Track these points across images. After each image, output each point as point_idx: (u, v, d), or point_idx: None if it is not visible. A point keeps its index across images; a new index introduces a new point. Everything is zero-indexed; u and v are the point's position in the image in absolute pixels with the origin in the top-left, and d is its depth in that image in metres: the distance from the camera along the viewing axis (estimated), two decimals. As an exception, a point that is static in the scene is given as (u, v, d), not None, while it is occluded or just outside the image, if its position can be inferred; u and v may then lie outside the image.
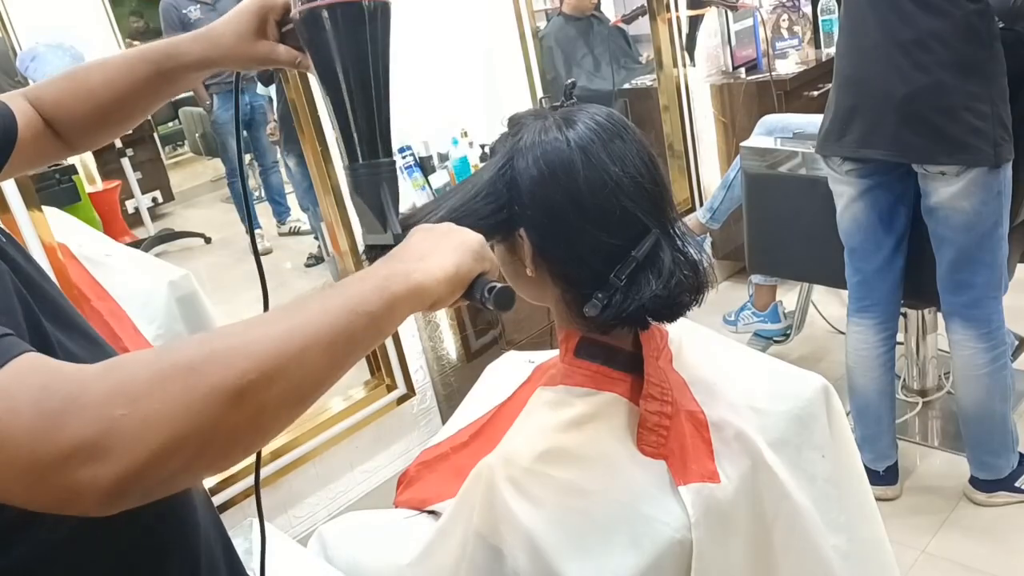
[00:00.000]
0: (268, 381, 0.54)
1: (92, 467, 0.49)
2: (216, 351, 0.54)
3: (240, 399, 0.53)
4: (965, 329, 2.02)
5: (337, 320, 0.60)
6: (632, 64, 3.96)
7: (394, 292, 0.65)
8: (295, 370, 0.56)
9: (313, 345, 0.57)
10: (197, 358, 0.53)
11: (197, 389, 0.51)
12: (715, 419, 0.99)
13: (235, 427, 0.53)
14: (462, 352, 2.61)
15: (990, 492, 2.14)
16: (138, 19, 4.81)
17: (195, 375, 0.52)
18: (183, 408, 0.51)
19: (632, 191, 0.91)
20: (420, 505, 1.20)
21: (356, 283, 0.65)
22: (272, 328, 0.57)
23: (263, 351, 0.54)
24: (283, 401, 0.56)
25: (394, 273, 0.67)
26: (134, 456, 0.49)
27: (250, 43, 0.89)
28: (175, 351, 0.54)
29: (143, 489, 0.51)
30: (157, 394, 0.50)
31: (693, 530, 0.92)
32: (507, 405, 1.18)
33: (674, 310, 0.96)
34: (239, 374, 0.52)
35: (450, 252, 0.74)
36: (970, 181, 1.85)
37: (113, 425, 0.49)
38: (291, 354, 0.56)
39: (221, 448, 0.54)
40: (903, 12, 1.81)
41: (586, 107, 0.96)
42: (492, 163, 0.97)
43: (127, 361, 0.53)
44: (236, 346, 0.54)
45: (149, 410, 0.50)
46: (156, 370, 0.52)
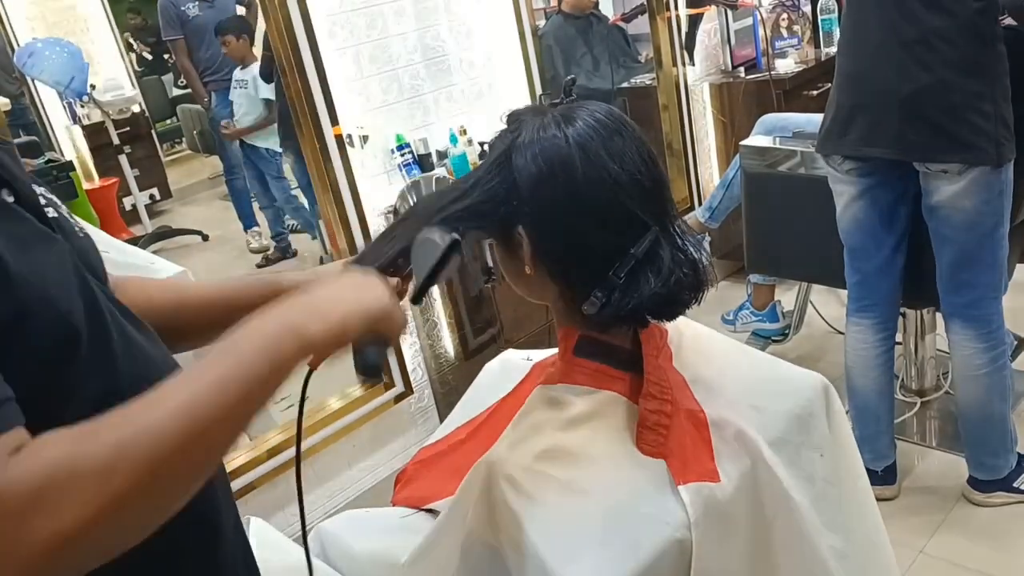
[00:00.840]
0: (175, 466, 0.59)
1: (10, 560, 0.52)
2: (125, 449, 0.57)
3: (150, 491, 0.58)
4: (965, 329, 2.02)
5: (234, 393, 0.63)
6: (631, 63, 3.96)
7: (284, 355, 0.67)
8: (197, 446, 0.61)
9: (211, 421, 0.61)
10: (109, 459, 0.56)
11: (110, 494, 0.55)
12: (715, 418, 0.99)
13: (143, 515, 0.59)
14: (460, 350, 2.60)
15: (988, 492, 2.14)
16: (135, 15, 4.80)
17: (108, 480, 0.55)
18: (97, 515, 0.55)
19: (631, 188, 0.91)
20: (418, 503, 1.19)
21: (247, 348, 0.66)
22: (175, 412, 0.60)
23: (169, 440, 0.58)
24: (189, 478, 0.62)
25: (287, 330, 0.68)
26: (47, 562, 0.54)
27: None
28: (89, 447, 0.57)
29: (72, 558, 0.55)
30: (74, 505, 0.54)
31: (693, 529, 0.91)
32: (505, 403, 1.18)
33: (673, 308, 0.96)
34: (149, 471, 0.57)
35: (347, 311, 0.73)
36: (972, 180, 1.85)
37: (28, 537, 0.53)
38: (195, 437, 0.60)
39: (131, 537, 0.59)
40: (906, 11, 1.81)
41: (585, 104, 0.95)
42: (490, 160, 0.96)
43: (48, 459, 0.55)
44: (141, 440, 0.58)
45: (64, 523, 0.53)
46: (73, 477, 0.55)
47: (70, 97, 3.60)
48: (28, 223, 0.68)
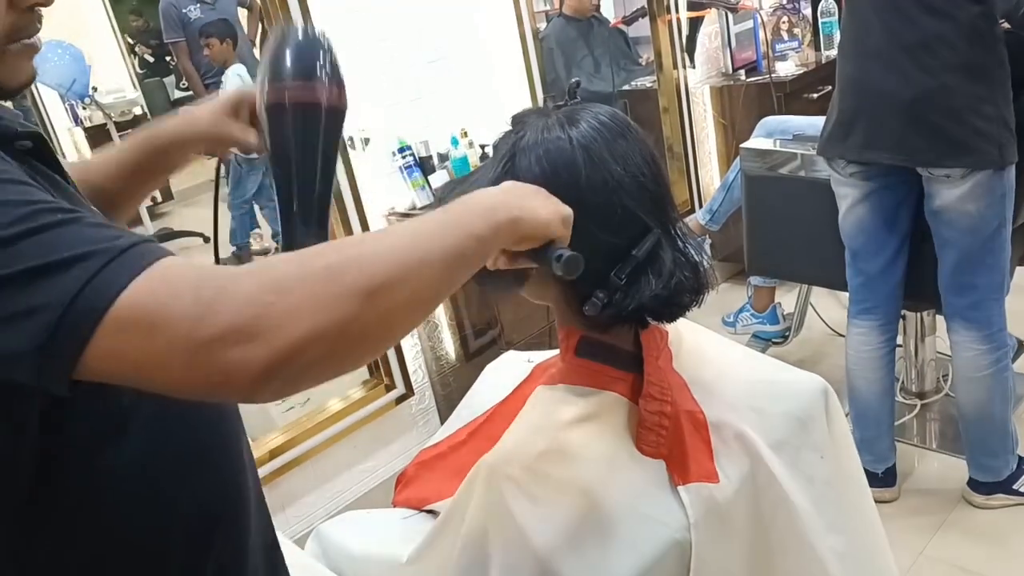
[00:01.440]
0: (394, 286, 0.60)
1: (243, 349, 0.54)
2: (351, 257, 0.60)
3: (371, 298, 0.59)
4: (967, 331, 2.02)
5: (451, 239, 0.66)
6: (632, 65, 3.96)
7: (499, 220, 0.71)
8: (416, 279, 0.62)
9: (431, 259, 0.64)
10: (335, 262, 0.59)
11: (335, 287, 0.58)
12: (714, 419, 0.99)
13: (366, 324, 0.59)
14: (461, 352, 2.61)
15: (988, 494, 2.14)
16: (137, 18, 4.80)
17: (334, 276, 0.58)
18: (324, 302, 0.57)
19: (634, 191, 0.91)
20: (418, 505, 1.20)
21: (466, 208, 0.71)
22: (398, 242, 0.64)
23: (390, 260, 0.61)
24: (406, 305, 0.62)
25: (500, 203, 0.73)
26: (280, 341, 0.55)
27: (224, 122, 0.97)
28: (316, 255, 0.61)
29: (287, 375, 0.56)
30: (301, 289, 0.57)
31: (692, 530, 0.91)
32: (506, 404, 1.18)
33: (674, 310, 0.96)
34: (370, 277, 0.59)
35: (547, 204, 0.79)
36: (975, 183, 1.85)
37: (263, 311, 0.55)
38: (412, 265, 0.62)
39: (354, 342, 0.59)
40: (907, 15, 1.81)
41: (589, 106, 0.96)
42: (494, 161, 0.97)
43: (270, 262, 0.60)
44: (368, 254, 0.61)
45: (294, 301, 0.56)
46: (300, 269, 0.58)
47: (72, 99, 3.60)
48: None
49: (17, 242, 0.54)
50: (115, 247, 0.55)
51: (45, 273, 0.54)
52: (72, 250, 0.55)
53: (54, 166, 0.71)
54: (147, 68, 4.81)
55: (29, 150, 0.67)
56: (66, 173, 0.73)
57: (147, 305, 0.54)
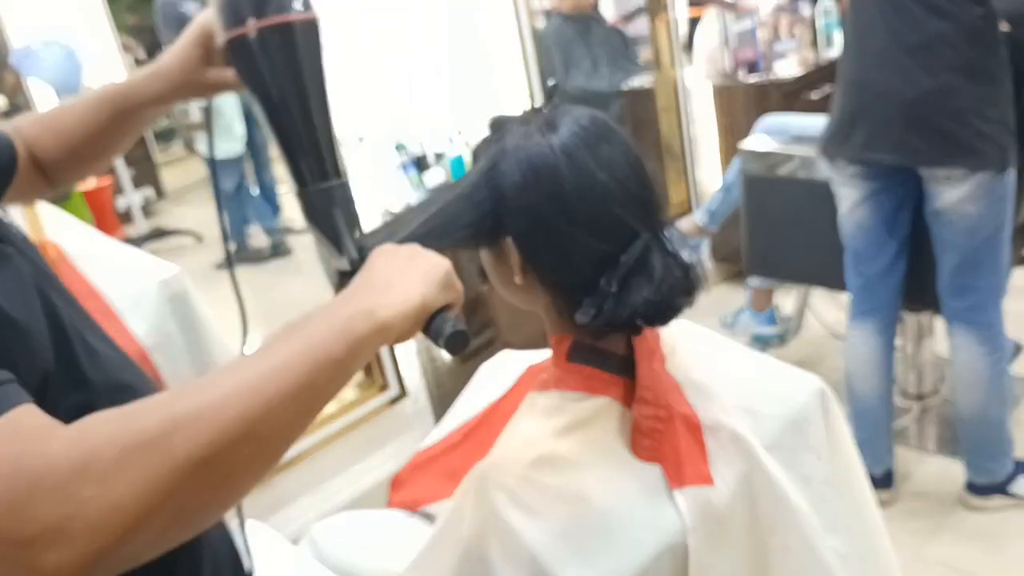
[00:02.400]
0: (235, 447, 0.53)
1: (56, 552, 0.48)
2: (179, 423, 0.52)
3: (207, 469, 0.52)
4: (966, 333, 2.02)
5: (301, 372, 0.58)
6: (630, 65, 3.95)
7: (358, 335, 0.62)
8: (262, 430, 0.55)
9: (279, 404, 0.56)
10: (161, 431, 0.52)
11: (164, 465, 0.51)
12: (709, 421, 0.98)
13: (203, 497, 0.53)
14: (456, 353, 2.59)
15: (986, 496, 2.14)
16: (133, 14, 4.79)
17: (160, 450, 0.51)
18: (151, 486, 0.50)
19: (619, 195, 0.89)
20: (413, 506, 1.19)
21: (318, 329, 0.62)
22: (235, 389, 0.55)
23: (227, 416, 0.53)
24: (252, 462, 0.56)
25: (357, 313, 0.64)
26: (100, 540, 0.49)
27: (198, 72, 0.88)
28: (139, 420, 0.53)
29: (110, 566, 0.51)
30: (123, 474, 0.50)
31: (689, 535, 0.90)
32: (500, 405, 1.17)
33: (667, 314, 0.94)
34: (205, 444, 0.52)
35: (417, 282, 0.70)
36: (976, 185, 1.85)
37: (78, 510, 0.48)
38: (256, 416, 0.54)
39: (190, 518, 0.54)
40: (910, 16, 1.80)
41: (570, 109, 0.93)
42: (476, 168, 0.94)
43: (94, 433, 0.52)
44: (201, 414, 0.53)
45: (115, 492, 0.49)
46: (122, 447, 0.51)
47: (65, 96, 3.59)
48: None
49: None
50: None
51: None
52: None
53: None
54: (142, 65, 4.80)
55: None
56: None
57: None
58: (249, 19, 0.77)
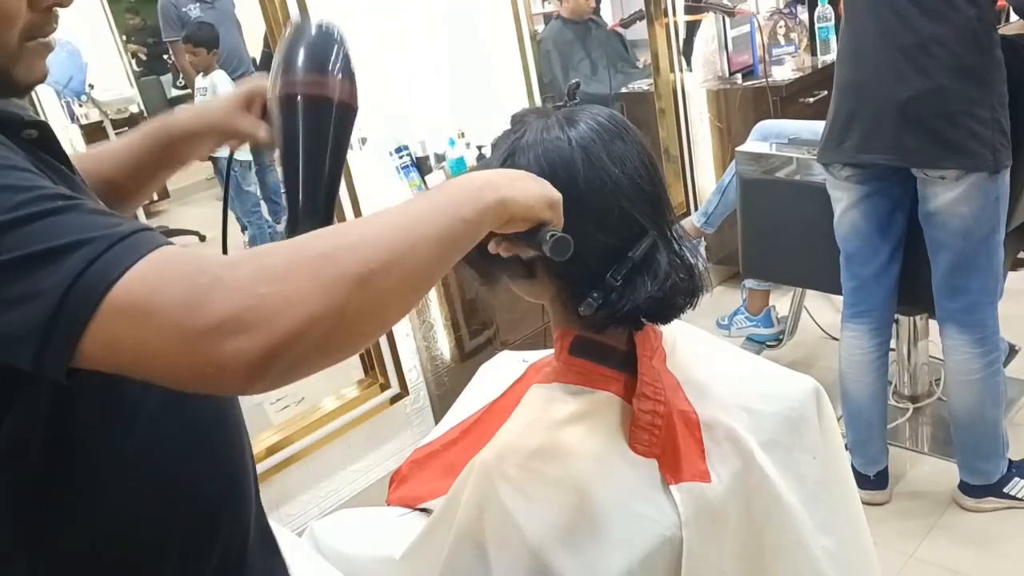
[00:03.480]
0: (387, 269, 0.60)
1: (236, 340, 0.54)
2: (342, 244, 0.61)
3: (365, 283, 0.59)
4: (960, 334, 2.03)
5: (441, 222, 0.66)
6: (629, 68, 3.97)
7: (486, 202, 0.71)
8: (408, 263, 0.62)
9: (423, 242, 0.64)
10: (327, 248, 0.60)
11: (329, 274, 0.57)
12: (707, 419, 1.00)
13: (360, 309, 0.59)
14: (456, 352, 2.61)
15: (979, 498, 2.16)
16: (134, 16, 4.80)
17: (326, 262, 0.58)
18: (317, 290, 0.56)
19: (631, 192, 0.92)
20: (412, 503, 1.20)
21: (454, 191, 0.71)
22: (388, 227, 0.64)
23: (382, 245, 0.61)
24: (399, 288, 0.62)
25: (487, 184, 0.73)
26: (274, 331, 0.54)
27: (236, 115, 0.98)
28: (308, 242, 0.61)
29: (282, 364, 0.56)
30: (295, 277, 0.56)
31: (683, 529, 0.92)
32: (499, 402, 1.19)
33: (668, 312, 0.97)
34: (363, 262, 0.59)
35: (535, 186, 0.79)
36: (969, 186, 1.86)
37: (256, 302, 0.54)
38: (405, 248, 0.62)
39: (349, 328, 0.59)
40: (904, 17, 1.82)
41: (588, 107, 0.97)
42: (493, 159, 0.97)
43: (265, 250, 0.60)
44: (360, 240, 0.61)
45: (288, 290, 0.56)
46: (292, 257, 0.58)
47: (68, 96, 3.60)
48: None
49: (18, 227, 0.55)
50: (115, 234, 0.56)
51: (45, 259, 0.54)
52: (72, 236, 0.55)
53: (59, 156, 0.71)
54: (144, 66, 4.80)
55: (35, 139, 0.68)
56: (71, 163, 0.73)
57: (142, 292, 0.54)
58: (301, 85, 0.90)
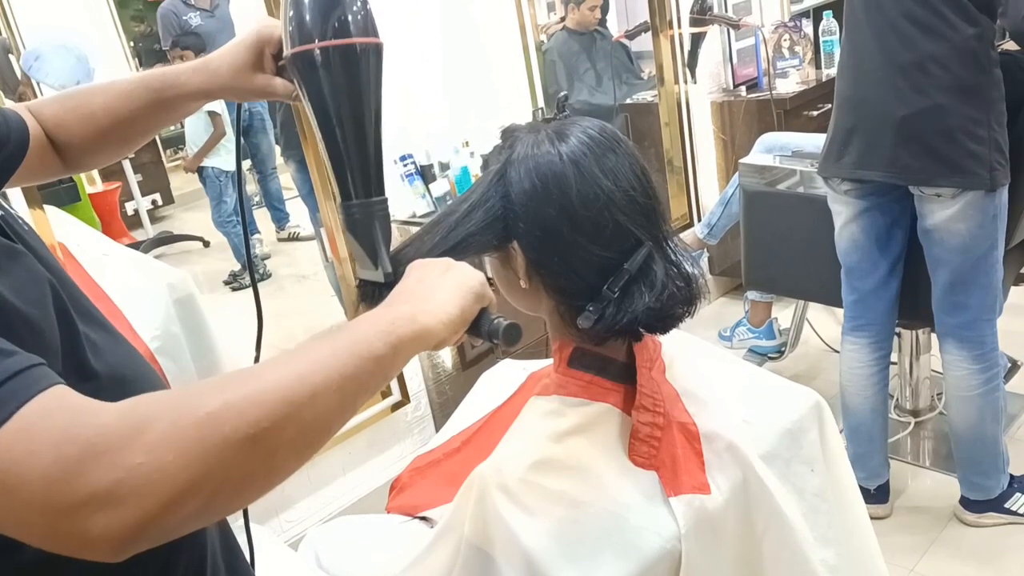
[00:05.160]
0: (280, 428, 0.55)
1: (106, 515, 0.49)
2: (230, 401, 0.55)
3: (253, 446, 0.54)
4: (959, 350, 2.03)
5: (345, 366, 0.61)
6: (634, 79, 3.98)
7: (400, 336, 0.66)
8: (306, 416, 0.57)
9: (323, 391, 0.59)
10: (215, 407, 0.54)
11: (212, 438, 0.52)
12: (706, 431, 1.00)
13: (248, 473, 0.55)
14: (457, 360, 2.61)
15: (980, 513, 2.15)
16: (139, 23, 4.82)
17: (210, 425, 0.53)
18: (198, 457, 0.52)
19: (624, 204, 0.92)
20: (412, 511, 1.20)
21: (363, 327, 0.66)
22: (283, 375, 0.58)
23: (275, 399, 0.56)
24: (295, 445, 0.58)
25: (399, 316, 0.68)
26: (148, 505, 0.50)
27: (246, 75, 0.90)
28: (191, 398, 0.55)
29: (155, 534, 0.52)
30: (173, 444, 0.51)
31: (683, 541, 0.92)
32: (500, 412, 1.19)
33: (666, 322, 0.97)
34: (252, 423, 0.54)
35: (452, 292, 0.75)
36: (966, 204, 1.87)
37: (129, 475, 0.50)
38: (302, 401, 0.57)
39: (234, 493, 0.55)
40: (903, 35, 1.83)
41: (579, 120, 0.97)
42: (486, 176, 0.98)
43: (144, 406, 0.54)
44: (249, 394, 0.55)
45: (165, 460, 0.51)
46: (173, 419, 0.53)
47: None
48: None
49: None
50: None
51: None
52: None
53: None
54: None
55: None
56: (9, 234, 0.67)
57: (4, 463, 0.49)
58: (316, 37, 0.80)
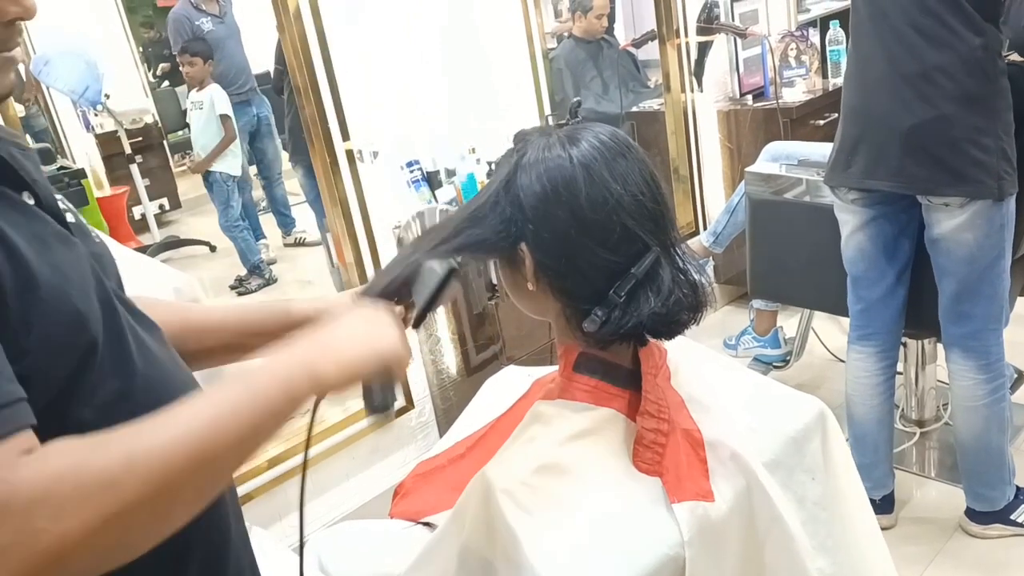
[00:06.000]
0: (182, 485, 0.60)
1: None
2: (134, 464, 0.58)
3: (154, 505, 0.58)
4: (965, 360, 2.03)
5: (244, 421, 0.65)
6: (640, 88, 3.99)
7: (297, 387, 0.70)
8: (206, 473, 0.62)
9: (223, 452, 0.63)
10: (116, 470, 0.57)
11: (115, 503, 0.56)
12: (711, 438, 1.00)
13: (146, 527, 0.59)
14: (462, 366, 2.61)
15: (985, 524, 2.14)
16: (149, 30, 4.86)
17: (114, 489, 0.56)
18: (99, 521, 0.55)
19: (633, 209, 0.93)
20: (415, 516, 1.20)
21: (263, 380, 0.69)
22: (186, 433, 0.61)
23: (178, 458, 0.60)
24: (195, 497, 0.63)
25: (298, 365, 0.71)
26: (37, 563, 0.53)
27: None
28: (99, 458, 0.58)
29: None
30: (77, 510, 0.55)
31: (686, 548, 0.92)
32: (504, 418, 1.19)
33: (672, 328, 0.97)
34: (155, 484, 0.58)
35: (359, 350, 0.77)
36: (974, 214, 1.86)
37: (27, 539, 0.53)
38: (203, 461, 0.61)
39: (131, 544, 0.59)
40: (909, 45, 1.83)
41: (590, 125, 0.98)
42: (496, 178, 0.98)
43: (55, 466, 0.57)
44: (152, 456, 0.59)
45: (65, 526, 0.54)
46: (77, 483, 0.56)
47: (84, 106, 3.63)
48: (49, 224, 0.69)
49: None
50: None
51: None
52: None
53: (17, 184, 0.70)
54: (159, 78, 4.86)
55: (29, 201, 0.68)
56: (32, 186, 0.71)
57: None
58: None
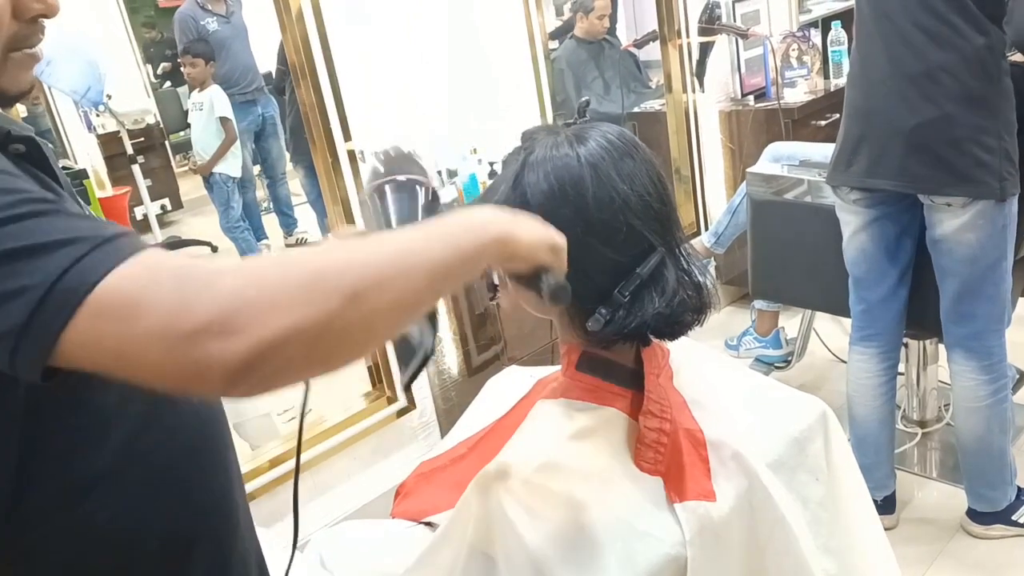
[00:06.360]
0: (378, 290, 0.60)
1: (222, 342, 0.53)
2: (336, 260, 0.60)
3: (354, 300, 0.58)
4: (966, 360, 2.03)
5: (438, 252, 0.66)
6: (642, 88, 3.99)
7: (488, 237, 0.70)
8: (400, 286, 0.62)
9: (416, 269, 0.63)
10: (320, 265, 0.59)
11: (319, 286, 0.57)
12: (713, 438, 1.00)
13: (347, 325, 0.58)
14: (463, 367, 2.61)
15: (987, 525, 2.14)
16: (150, 29, 4.87)
17: (318, 277, 0.58)
18: (306, 301, 0.56)
19: (639, 209, 0.93)
20: (417, 516, 1.20)
21: (456, 222, 0.70)
22: (384, 250, 0.64)
23: (375, 267, 0.61)
24: (388, 310, 0.61)
25: (490, 221, 0.72)
26: (259, 335, 0.53)
27: None
28: (301, 258, 0.60)
29: (263, 372, 0.55)
30: (284, 286, 0.56)
31: (687, 547, 0.92)
32: (507, 418, 1.19)
33: (675, 328, 0.97)
34: (354, 280, 0.58)
35: (540, 228, 0.78)
36: (976, 214, 1.86)
37: (244, 306, 0.54)
38: (398, 272, 0.62)
39: (334, 342, 0.58)
40: (913, 45, 1.83)
41: (598, 125, 0.98)
42: (503, 176, 0.99)
43: (256, 259, 0.60)
44: (354, 259, 0.61)
45: (277, 297, 0.55)
46: (285, 270, 0.58)
47: (86, 106, 3.63)
48: None
49: (2, 226, 0.55)
50: (100, 236, 0.55)
51: (30, 255, 0.54)
52: (57, 236, 0.55)
53: (47, 170, 0.72)
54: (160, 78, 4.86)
55: (22, 154, 0.68)
56: (59, 176, 0.74)
57: (128, 291, 0.53)
58: None
